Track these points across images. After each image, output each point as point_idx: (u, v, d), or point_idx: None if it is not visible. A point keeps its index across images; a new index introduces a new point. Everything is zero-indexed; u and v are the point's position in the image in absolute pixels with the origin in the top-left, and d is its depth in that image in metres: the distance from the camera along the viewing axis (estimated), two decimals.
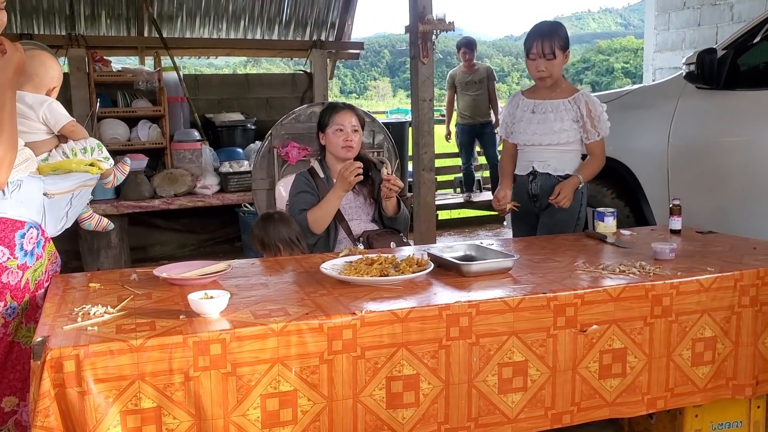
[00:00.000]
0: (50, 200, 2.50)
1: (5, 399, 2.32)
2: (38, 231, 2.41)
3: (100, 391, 1.76)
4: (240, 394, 1.88)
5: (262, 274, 2.46)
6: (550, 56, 3.28)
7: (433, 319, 2.04)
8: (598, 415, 2.29)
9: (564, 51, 3.33)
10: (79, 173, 2.60)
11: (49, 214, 2.49)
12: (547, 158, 3.38)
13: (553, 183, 3.33)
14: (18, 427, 2.34)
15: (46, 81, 2.58)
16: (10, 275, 2.26)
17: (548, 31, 3.31)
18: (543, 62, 3.30)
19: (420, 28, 5.69)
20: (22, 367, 2.33)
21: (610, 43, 59.88)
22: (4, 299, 2.26)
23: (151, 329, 1.86)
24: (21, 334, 2.33)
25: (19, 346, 2.32)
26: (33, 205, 2.40)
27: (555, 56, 3.29)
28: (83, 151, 2.61)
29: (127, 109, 6.04)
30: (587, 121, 3.34)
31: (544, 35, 3.29)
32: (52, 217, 2.52)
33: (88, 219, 2.89)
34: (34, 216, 2.40)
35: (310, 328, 1.92)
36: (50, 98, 2.60)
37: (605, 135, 3.40)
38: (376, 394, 2.01)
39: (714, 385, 2.41)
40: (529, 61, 3.36)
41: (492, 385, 2.12)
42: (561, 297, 2.17)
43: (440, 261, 2.47)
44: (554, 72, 3.33)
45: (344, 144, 3.17)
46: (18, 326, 2.31)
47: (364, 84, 63.48)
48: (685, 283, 2.32)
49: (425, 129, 5.96)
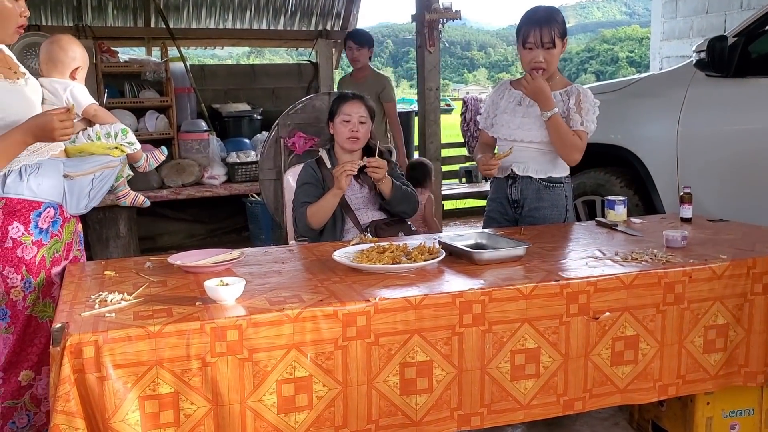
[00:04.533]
0: (71, 181, 2.55)
1: (23, 372, 2.41)
2: (56, 210, 2.50)
3: (119, 376, 1.78)
4: (256, 380, 1.89)
5: (275, 261, 2.47)
6: (549, 45, 3.00)
7: (446, 306, 2.05)
8: (609, 401, 2.30)
9: (563, 39, 3.06)
10: (100, 156, 2.65)
11: (69, 195, 2.56)
12: (527, 159, 3.11)
13: (535, 187, 3.11)
14: (33, 400, 2.41)
15: (68, 62, 2.68)
16: (25, 250, 2.39)
17: (546, 18, 3.00)
18: (541, 52, 3.01)
19: (426, 17, 5.70)
20: (39, 341, 2.43)
21: (614, 32, 59.69)
22: (21, 273, 2.38)
23: (168, 316, 1.87)
24: (38, 308, 2.44)
25: (36, 320, 2.43)
26: (51, 186, 2.49)
27: (554, 45, 3.02)
28: (107, 135, 2.69)
29: (134, 100, 6.04)
30: (572, 108, 3.06)
31: (543, 22, 2.99)
32: (73, 197, 2.58)
33: (124, 196, 2.97)
34: (53, 196, 2.49)
35: (325, 315, 1.94)
36: (73, 82, 2.67)
37: (589, 131, 3.09)
38: (390, 380, 2.03)
39: (726, 372, 2.42)
40: (525, 50, 3.05)
41: (505, 371, 2.14)
42: (574, 284, 2.18)
43: (451, 249, 2.48)
44: (552, 64, 3.06)
45: (350, 135, 3.16)
46: (35, 301, 2.42)
47: None
48: (697, 270, 2.33)
49: (431, 119, 5.97)
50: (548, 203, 3.15)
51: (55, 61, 2.64)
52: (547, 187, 3.13)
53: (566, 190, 3.20)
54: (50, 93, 2.63)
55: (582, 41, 68.49)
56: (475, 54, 79.16)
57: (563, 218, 3.18)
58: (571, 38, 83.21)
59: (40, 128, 2.32)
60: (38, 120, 2.34)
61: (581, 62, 54.12)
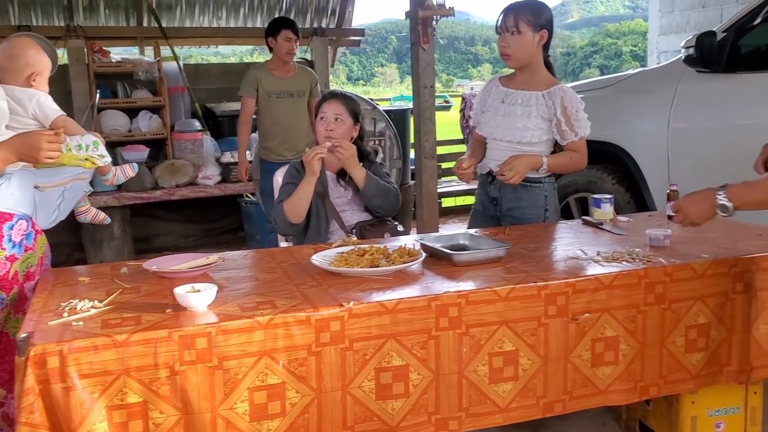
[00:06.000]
0: (41, 193, 2.51)
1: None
2: (28, 223, 2.43)
3: (85, 386, 1.76)
4: (227, 388, 1.87)
5: (254, 266, 2.46)
6: (513, 30, 2.96)
7: (422, 310, 2.03)
8: (590, 403, 2.28)
9: (536, 30, 2.98)
10: (71, 167, 2.61)
11: (40, 207, 2.51)
12: (505, 158, 3.02)
13: (512, 186, 3.03)
14: (5, 419, 2.37)
15: (20, 69, 2.58)
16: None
17: (517, 5, 3.00)
18: (507, 37, 2.99)
19: (420, 13, 5.65)
20: (9, 359, 2.35)
21: (618, 26, 59.47)
22: None
23: (136, 323, 1.85)
24: (10, 324, 2.37)
25: (8, 336, 2.36)
26: (23, 197, 2.42)
27: (520, 32, 2.96)
28: (78, 147, 2.62)
29: (127, 100, 6.03)
30: (561, 120, 3.00)
31: (511, 8, 3.00)
32: (43, 210, 2.53)
33: (84, 213, 2.91)
34: (24, 208, 2.42)
35: (297, 321, 1.91)
36: (39, 92, 2.61)
37: (584, 135, 3.05)
38: (365, 386, 2.00)
39: (708, 372, 2.40)
40: (498, 37, 3.05)
41: (482, 374, 2.11)
42: (552, 286, 2.15)
43: (432, 251, 2.46)
44: (518, 51, 3.00)
45: (325, 133, 3.12)
46: (7, 317, 2.35)
47: (371, 71, 63.32)
48: (678, 269, 2.30)
49: (426, 116, 5.92)
50: (526, 203, 3.12)
51: (5, 69, 2.56)
52: (525, 186, 3.09)
53: (546, 190, 3.14)
54: (14, 102, 2.55)
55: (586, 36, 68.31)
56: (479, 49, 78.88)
57: (542, 218, 3.13)
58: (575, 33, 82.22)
59: (27, 147, 2.23)
60: (25, 139, 2.25)
61: (585, 56, 53.96)
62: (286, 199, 3.08)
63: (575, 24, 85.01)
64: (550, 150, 3.15)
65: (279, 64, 4.94)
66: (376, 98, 18.17)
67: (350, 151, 3.02)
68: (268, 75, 4.93)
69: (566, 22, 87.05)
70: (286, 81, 4.95)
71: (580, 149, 3.09)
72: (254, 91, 4.91)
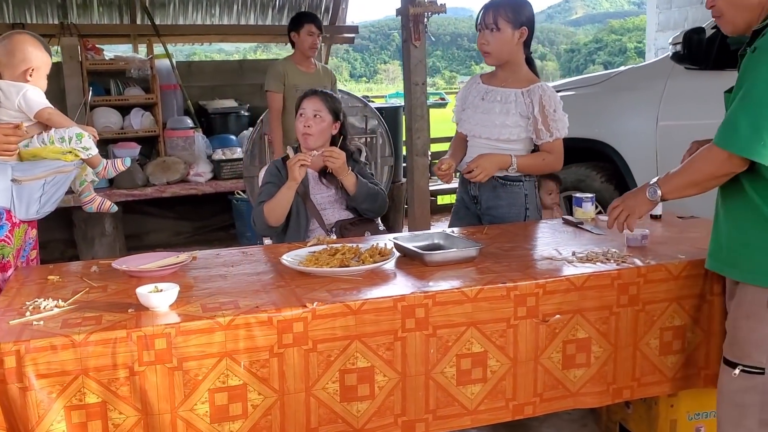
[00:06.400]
0: (19, 186, 2.51)
1: None
2: (3, 215, 2.44)
3: (43, 386, 1.74)
4: (187, 389, 1.85)
5: (225, 265, 2.43)
6: (492, 27, 2.93)
7: (388, 311, 2.00)
8: (562, 405, 2.25)
9: (516, 27, 2.94)
10: (51, 160, 2.61)
11: (18, 200, 2.52)
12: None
13: (491, 185, 3.04)
14: None
15: (16, 64, 2.63)
16: None
17: (497, 3, 2.96)
18: (487, 34, 2.96)
19: (411, 10, 5.62)
20: None
21: (622, 22, 59.24)
22: None
23: (96, 323, 1.83)
24: None
25: None
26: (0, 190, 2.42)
27: (499, 29, 2.93)
28: (61, 140, 2.64)
29: (119, 98, 6.03)
30: (538, 118, 2.97)
31: (491, 5, 2.97)
32: (22, 202, 2.54)
33: (89, 202, 2.92)
34: (1, 201, 2.43)
35: (259, 322, 1.89)
36: (27, 86, 2.62)
37: (560, 136, 3.01)
38: (330, 387, 1.98)
39: (684, 375, 2.37)
40: (478, 34, 3.02)
41: (450, 376, 2.09)
42: (521, 287, 2.12)
43: (405, 251, 2.43)
44: (497, 48, 2.97)
45: (303, 129, 3.10)
46: None
47: (374, 67, 63.27)
48: (652, 271, 2.27)
49: (418, 113, 5.89)
50: (505, 201, 3.09)
51: (3, 65, 2.60)
52: (504, 185, 3.06)
53: (526, 189, 3.11)
54: (4, 96, 2.60)
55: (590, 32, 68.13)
56: None
57: (523, 217, 3.10)
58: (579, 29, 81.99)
59: None
60: None
61: (589, 53, 53.79)
62: (267, 200, 3.06)
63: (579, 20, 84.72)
64: (529, 148, 3.12)
65: (302, 59, 4.88)
66: (378, 95, 18.14)
67: (341, 159, 3.01)
68: (293, 68, 4.83)
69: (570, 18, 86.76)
70: (310, 76, 4.86)
71: (555, 150, 3.05)
72: (281, 85, 4.78)
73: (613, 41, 53.18)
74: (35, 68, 2.65)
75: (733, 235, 2.04)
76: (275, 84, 4.78)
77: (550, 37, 73.47)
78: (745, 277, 2.01)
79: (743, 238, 2.01)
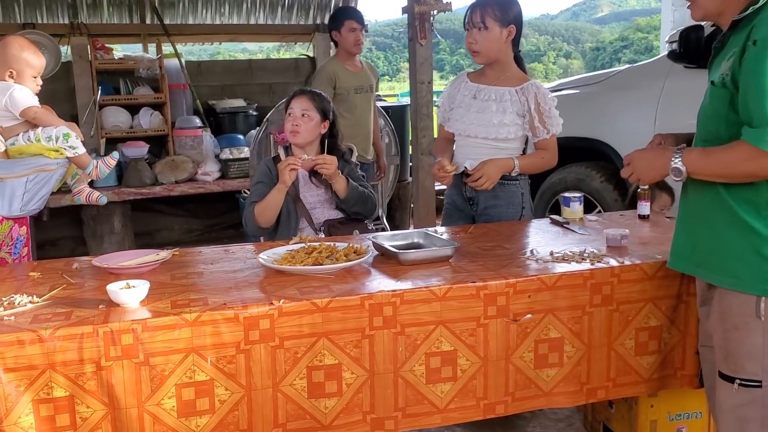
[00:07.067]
0: (2, 183, 2.56)
1: None
2: None
3: (10, 380, 1.78)
4: (154, 384, 1.88)
5: (204, 262, 2.46)
6: (480, 25, 2.94)
7: (355, 309, 2.02)
8: (534, 405, 2.25)
9: (504, 25, 2.95)
10: (35, 158, 2.66)
11: (0, 196, 2.55)
12: (481, 156, 3.01)
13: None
14: None
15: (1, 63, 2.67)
16: None
17: (484, 1, 2.96)
18: (475, 33, 2.96)
19: (416, 9, 5.62)
20: None
21: (649, 20, 58.56)
22: None
23: (65, 319, 1.87)
24: None
25: None
26: None
27: (487, 27, 2.93)
28: (48, 139, 2.69)
29: (128, 97, 6.09)
30: (535, 116, 2.99)
31: (478, 4, 2.97)
32: (4, 199, 2.60)
33: (78, 193, 2.96)
34: None
35: (225, 318, 1.92)
36: (15, 85, 2.68)
37: (556, 132, 3.04)
38: (297, 384, 2.00)
39: (660, 375, 2.36)
40: (466, 33, 3.02)
41: (419, 374, 2.10)
42: (491, 286, 2.13)
43: (382, 249, 2.45)
44: (486, 47, 2.97)
45: (291, 128, 3.13)
46: None
47: (396, 66, 63.17)
48: (626, 271, 2.26)
49: (424, 112, 5.90)
50: (503, 201, 3.09)
51: None
52: (501, 184, 3.05)
53: (522, 187, 3.12)
54: None
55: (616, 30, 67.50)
56: None
57: (519, 216, 3.10)
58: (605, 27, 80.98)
59: None
60: None
61: (614, 51, 53.32)
62: (257, 201, 3.10)
63: (605, 18, 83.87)
64: (522, 146, 3.12)
65: (347, 58, 4.59)
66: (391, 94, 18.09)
67: (333, 166, 3.05)
68: (343, 70, 4.55)
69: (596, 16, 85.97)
70: (358, 75, 4.62)
71: (551, 147, 3.07)
72: (331, 89, 4.43)
73: (639, 39, 52.59)
74: (16, 70, 2.69)
75: (709, 238, 1.96)
76: (325, 88, 4.32)
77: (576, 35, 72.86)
78: (726, 282, 1.92)
79: (720, 241, 1.92)
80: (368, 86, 4.64)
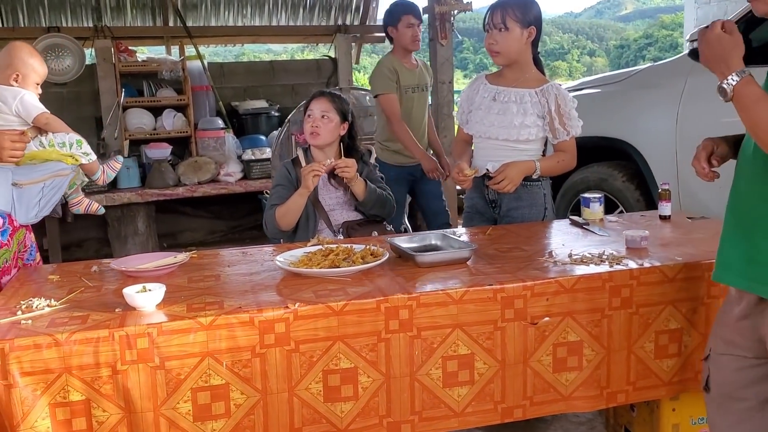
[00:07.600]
0: (20, 189, 2.58)
1: None
2: (5, 220, 2.51)
3: (27, 384, 1.80)
4: (169, 388, 1.89)
5: (222, 265, 2.47)
6: (500, 26, 2.92)
7: (371, 312, 2.01)
8: (553, 409, 2.23)
9: (525, 26, 2.94)
10: (50, 163, 2.67)
11: (18, 203, 2.58)
12: (502, 158, 2.97)
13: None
14: None
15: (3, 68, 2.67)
16: None
17: (504, 2, 2.95)
18: (495, 34, 2.95)
19: (437, 9, 5.62)
20: None
21: (674, 17, 57.86)
22: None
23: (82, 323, 1.89)
24: None
25: None
26: (1, 194, 2.48)
27: (508, 28, 2.92)
28: (61, 145, 2.69)
29: (151, 99, 6.14)
30: (555, 117, 2.97)
31: (498, 5, 2.95)
32: (22, 206, 2.60)
33: (77, 204, 2.97)
34: (2, 205, 2.50)
35: (240, 322, 1.92)
36: (23, 90, 2.68)
37: (576, 134, 3.02)
38: (313, 388, 2.00)
39: (681, 379, 2.32)
40: (486, 34, 3.01)
41: (436, 378, 2.09)
42: (508, 289, 2.11)
43: (399, 251, 2.44)
44: (506, 47, 2.95)
45: (310, 130, 3.14)
46: None
47: None
48: (646, 273, 2.23)
49: (445, 112, 5.89)
50: (527, 202, 3.07)
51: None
52: (524, 185, 3.02)
53: (545, 188, 3.10)
54: (0, 100, 2.65)
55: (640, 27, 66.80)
56: None
57: (542, 216, 3.08)
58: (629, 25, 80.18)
59: None
60: None
61: (639, 49, 52.76)
62: (278, 204, 3.11)
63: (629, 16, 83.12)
64: (542, 148, 3.09)
65: (404, 55, 4.33)
66: None
67: (353, 170, 3.05)
68: (402, 67, 4.30)
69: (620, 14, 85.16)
70: (415, 74, 4.38)
71: (570, 149, 3.04)
72: (394, 84, 4.21)
73: (664, 36, 51.97)
74: (21, 75, 2.67)
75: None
76: (389, 84, 4.18)
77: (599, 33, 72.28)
78: None
79: None
80: (423, 85, 4.44)
